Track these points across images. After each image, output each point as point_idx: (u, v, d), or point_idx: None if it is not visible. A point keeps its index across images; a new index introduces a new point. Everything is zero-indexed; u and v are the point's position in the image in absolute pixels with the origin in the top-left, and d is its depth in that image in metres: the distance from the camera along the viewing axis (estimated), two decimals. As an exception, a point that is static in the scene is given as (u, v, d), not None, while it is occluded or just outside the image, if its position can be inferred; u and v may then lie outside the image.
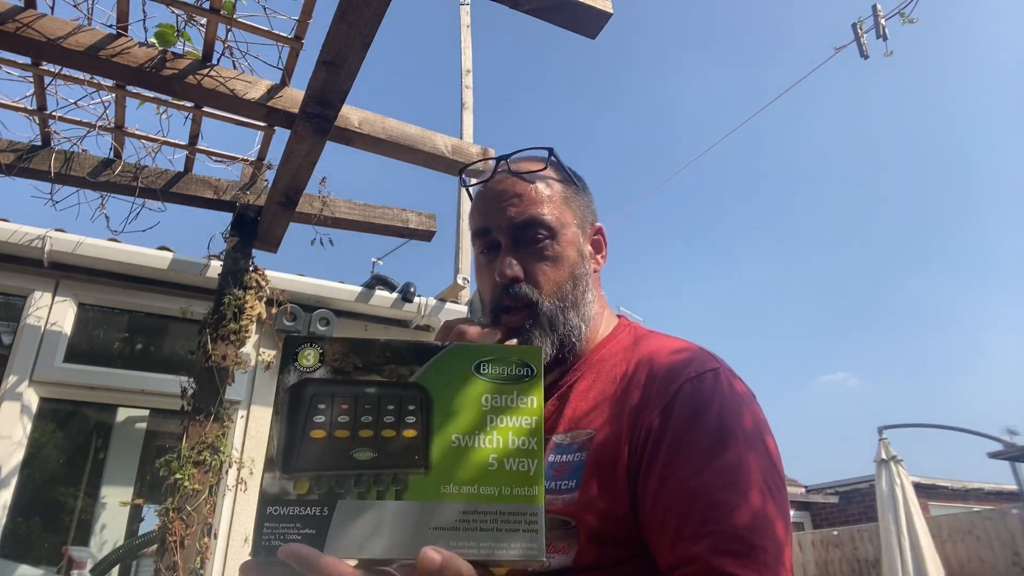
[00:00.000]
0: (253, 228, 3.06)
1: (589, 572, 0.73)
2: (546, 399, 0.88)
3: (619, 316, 0.98)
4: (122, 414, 3.86)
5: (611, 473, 0.74)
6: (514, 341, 0.79)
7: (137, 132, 2.81)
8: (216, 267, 3.27)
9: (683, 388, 0.75)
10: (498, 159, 0.94)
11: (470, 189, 0.98)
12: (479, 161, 1.07)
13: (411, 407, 0.56)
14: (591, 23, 2.14)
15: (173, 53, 2.31)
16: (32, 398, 3.21)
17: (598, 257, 0.96)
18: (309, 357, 0.58)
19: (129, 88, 2.53)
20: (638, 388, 0.78)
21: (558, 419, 0.85)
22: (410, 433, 0.55)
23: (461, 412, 0.56)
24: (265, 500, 0.53)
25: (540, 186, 0.90)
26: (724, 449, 0.70)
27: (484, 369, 0.58)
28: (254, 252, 3.07)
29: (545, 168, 0.92)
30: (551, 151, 0.93)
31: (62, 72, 2.48)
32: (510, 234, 0.88)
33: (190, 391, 2.69)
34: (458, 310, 4.14)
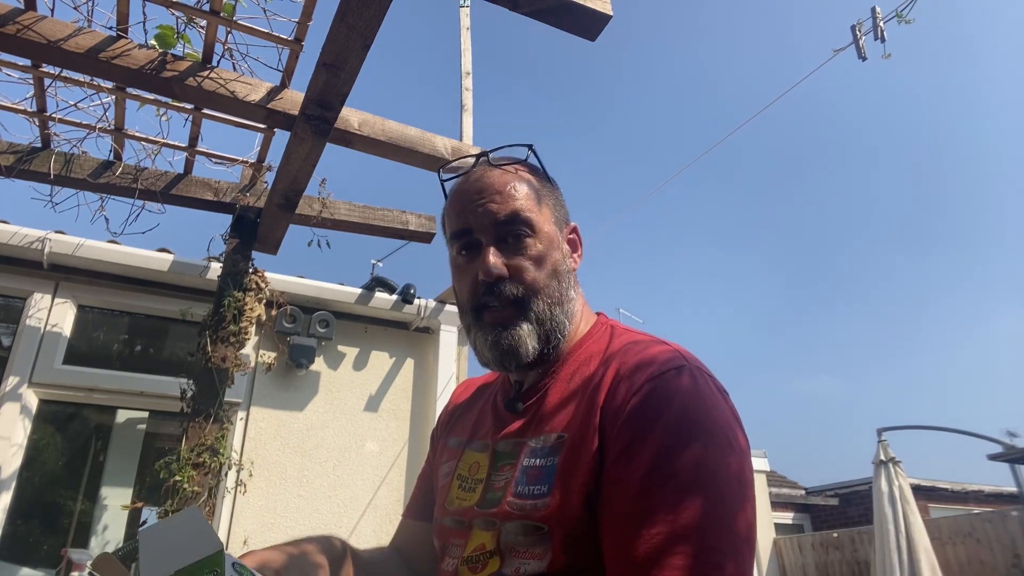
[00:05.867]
0: (253, 230, 3.06)
1: None
2: (525, 402, 0.88)
3: (598, 314, 0.97)
4: (122, 416, 3.85)
5: (581, 477, 0.73)
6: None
7: (137, 134, 2.81)
8: (216, 269, 3.27)
9: (643, 387, 0.73)
10: (478, 156, 0.93)
11: (446, 186, 0.96)
12: (458, 159, 1.06)
13: None
14: (591, 25, 2.15)
15: (173, 55, 2.31)
16: (32, 400, 3.20)
17: (575, 256, 0.95)
18: None
19: (129, 90, 2.54)
20: (605, 389, 0.77)
21: (532, 422, 0.83)
22: None
23: None
24: None
25: (519, 184, 0.89)
26: (680, 449, 0.68)
27: None
28: (254, 254, 3.07)
29: (524, 166, 0.92)
30: (530, 147, 0.93)
31: (62, 74, 2.48)
32: (493, 231, 0.86)
33: (189, 393, 2.68)
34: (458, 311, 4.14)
